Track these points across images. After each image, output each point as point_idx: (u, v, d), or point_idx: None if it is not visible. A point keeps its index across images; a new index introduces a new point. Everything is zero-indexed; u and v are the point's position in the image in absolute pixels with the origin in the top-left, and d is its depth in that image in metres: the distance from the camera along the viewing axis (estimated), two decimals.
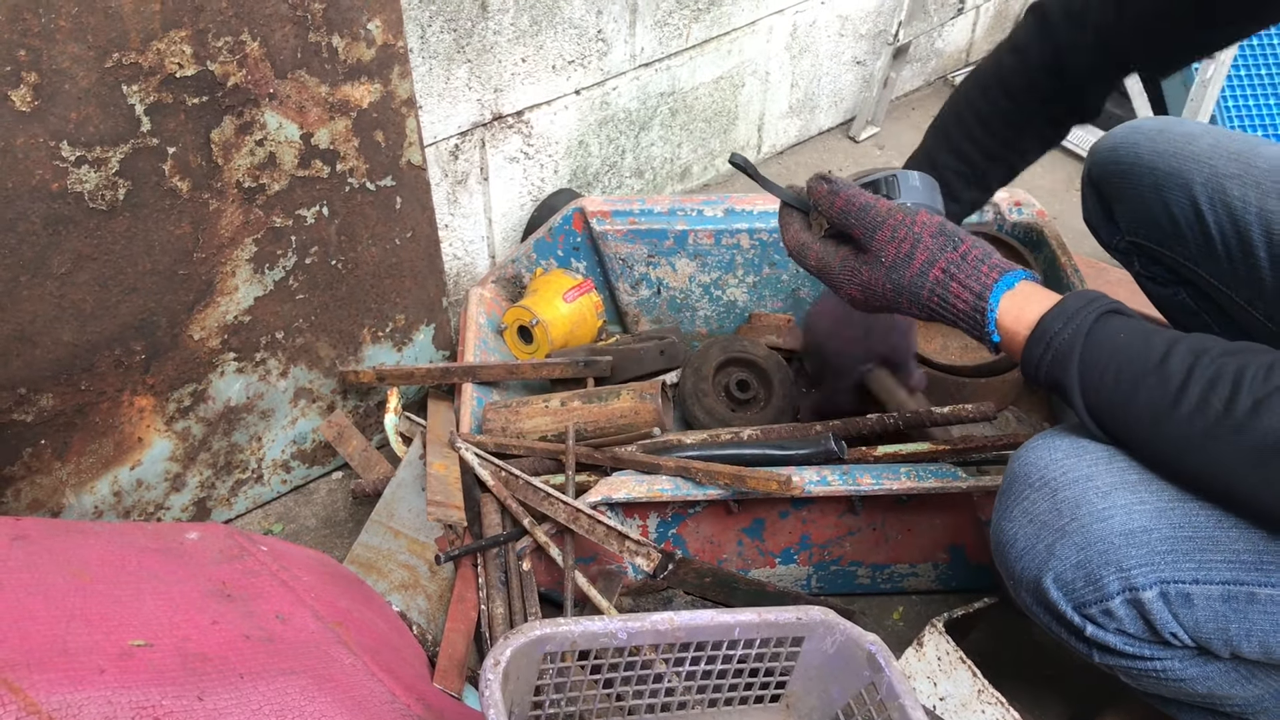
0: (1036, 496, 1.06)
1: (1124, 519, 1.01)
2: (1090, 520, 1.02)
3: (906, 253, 1.08)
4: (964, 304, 1.07)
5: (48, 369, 1.36)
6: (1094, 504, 1.02)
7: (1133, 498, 1.02)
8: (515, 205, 2.03)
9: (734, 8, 2.16)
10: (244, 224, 1.45)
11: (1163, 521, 1.01)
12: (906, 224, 1.09)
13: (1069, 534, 1.03)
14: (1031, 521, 1.06)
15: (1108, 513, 1.02)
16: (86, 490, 1.47)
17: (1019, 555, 1.07)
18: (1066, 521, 1.03)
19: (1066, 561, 1.03)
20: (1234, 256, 1.38)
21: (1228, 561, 1.00)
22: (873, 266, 1.10)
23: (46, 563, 0.99)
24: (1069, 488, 1.04)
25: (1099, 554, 1.02)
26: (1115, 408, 1.01)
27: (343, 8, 1.41)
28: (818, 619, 1.08)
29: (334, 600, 1.19)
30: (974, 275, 1.07)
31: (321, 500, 1.73)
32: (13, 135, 1.22)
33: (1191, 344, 0.99)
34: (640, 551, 1.33)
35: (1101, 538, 1.02)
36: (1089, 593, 1.03)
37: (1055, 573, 1.04)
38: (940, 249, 1.08)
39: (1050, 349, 1.03)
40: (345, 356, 1.67)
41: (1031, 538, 1.06)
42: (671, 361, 1.77)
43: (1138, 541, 1.01)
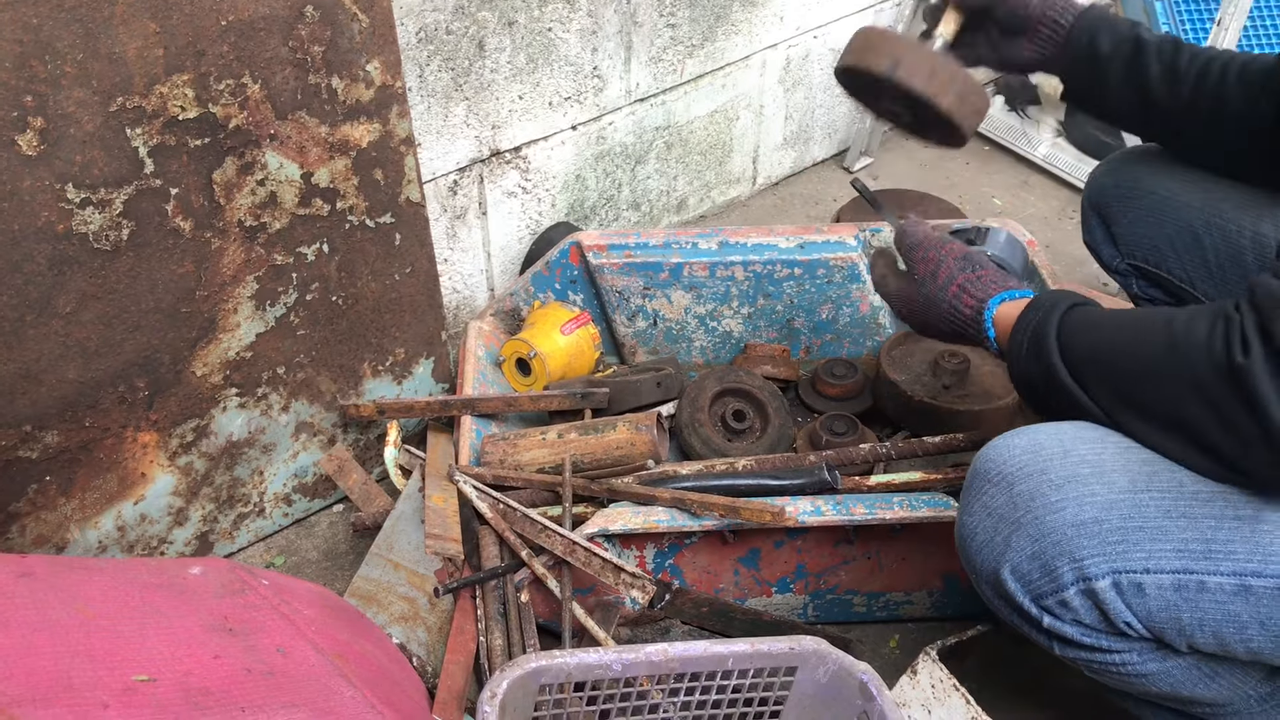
0: (994, 491, 1.11)
1: (1075, 510, 1.05)
2: (1044, 512, 1.06)
3: (932, 270, 1.28)
4: (969, 310, 1.23)
5: (53, 406, 1.39)
6: (1047, 496, 1.06)
7: (1084, 490, 1.06)
8: (513, 239, 2.06)
9: (727, 43, 2.19)
10: (246, 262, 1.48)
11: (1113, 513, 1.05)
12: (936, 246, 1.30)
13: (1024, 526, 1.07)
14: (990, 515, 1.11)
15: (1060, 505, 1.06)
16: (91, 525, 1.49)
17: (978, 549, 1.11)
18: (1021, 514, 1.08)
19: (1022, 553, 1.07)
20: (1229, 279, 1.41)
21: (1177, 550, 1.03)
22: (910, 283, 1.32)
23: (52, 599, 1.01)
24: (1024, 481, 1.08)
25: (1053, 545, 1.06)
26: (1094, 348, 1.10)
27: (342, 50, 1.44)
28: (810, 649, 1.10)
29: (334, 633, 1.21)
30: (981, 289, 1.24)
31: (322, 533, 1.74)
32: (19, 179, 1.25)
33: (1164, 309, 1.10)
34: (636, 584, 1.35)
35: (1055, 529, 1.06)
36: (1045, 584, 1.07)
37: (1012, 564, 1.08)
38: (960, 269, 1.26)
39: (1029, 327, 1.14)
40: (346, 390, 1.69)
41: (989, 531, 1.10)
42: (668, 393, 1.79)
43: (1089, 532, 1.05)
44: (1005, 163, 2.69)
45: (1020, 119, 2.79)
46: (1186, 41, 1.39)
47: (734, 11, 2.16)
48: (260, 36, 1.36)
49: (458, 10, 1.71)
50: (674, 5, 2.04)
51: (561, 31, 1.89)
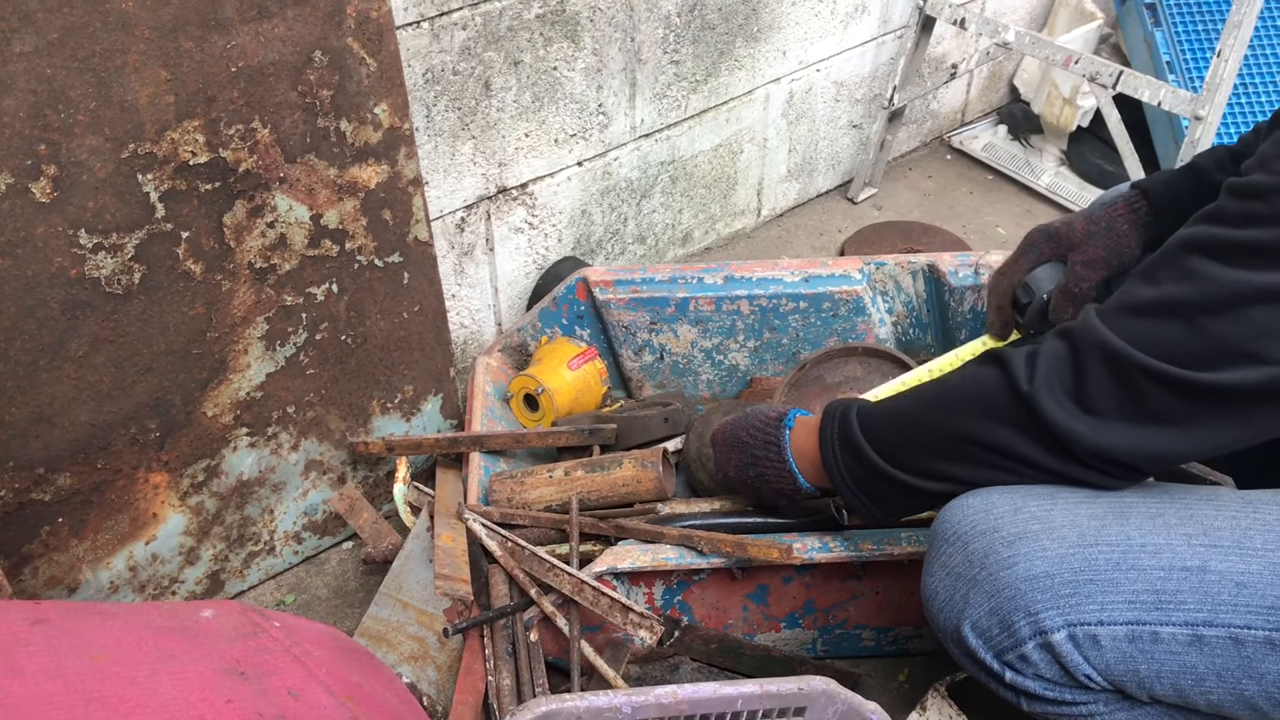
0: (951, 550, 1.14)
1: (1027, 565, 1.07)
2: (997, 568, 1.09)
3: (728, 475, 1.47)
4: (784, 495, 1.39)
5: (65, 449, 1.40)
6: (999, 553, 1.09)
7: (1035, 545, 1.08)
8: (520, 274, 2.07)
9: (730, 78, 2.21)
10: (256, 303, 1.50)
11: (1064, 566, 1.07)
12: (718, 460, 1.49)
13: (979, 583, 1.10)
14: (948, 574, 1.13)
15: (1012, 560, 1.08)
16: (103, 566, 1.50)
17: (940, 607, 1.14)
18: (977, 571, 1.10)
19: (980, 609, 1.10)
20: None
21: (1128, 602, 1.05)
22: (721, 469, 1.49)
23: (66, 646, 1.01)
24: (978, 540, 1.11)
25: (1008, 600, 1.08)
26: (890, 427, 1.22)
27: (350, 93, 1.46)
28: (819, 689, 1.10)
29: (345, 675, 1.21)
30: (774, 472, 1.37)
31: (332, 570, 1.75)
32: (33, 225, 1.26)
33: None
34: (644, 624, 1.35)
35: (1009, 584, 1.08)
36: (1004, 639, 1.09)
37: (972, 621, 1.10)
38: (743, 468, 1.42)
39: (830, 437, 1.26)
40: (355, 428, 1.70)
41: (949, 590, 1.13)
42: (675, 428, 1.80)
43: (1041, 586, 1.07)
44: (1009, 192, 2.71)
45: (1023, 148, 2.81)
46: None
47: (737, 47, 2.18)
48: (270, 82, 1.38)
49: (464, 51, 1.74)
50: (678, 42, 2.07)
51: (567, 70, 1.91)
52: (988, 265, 1.90)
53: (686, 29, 2.07)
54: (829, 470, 1.27)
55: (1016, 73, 2.93)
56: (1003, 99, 2.98)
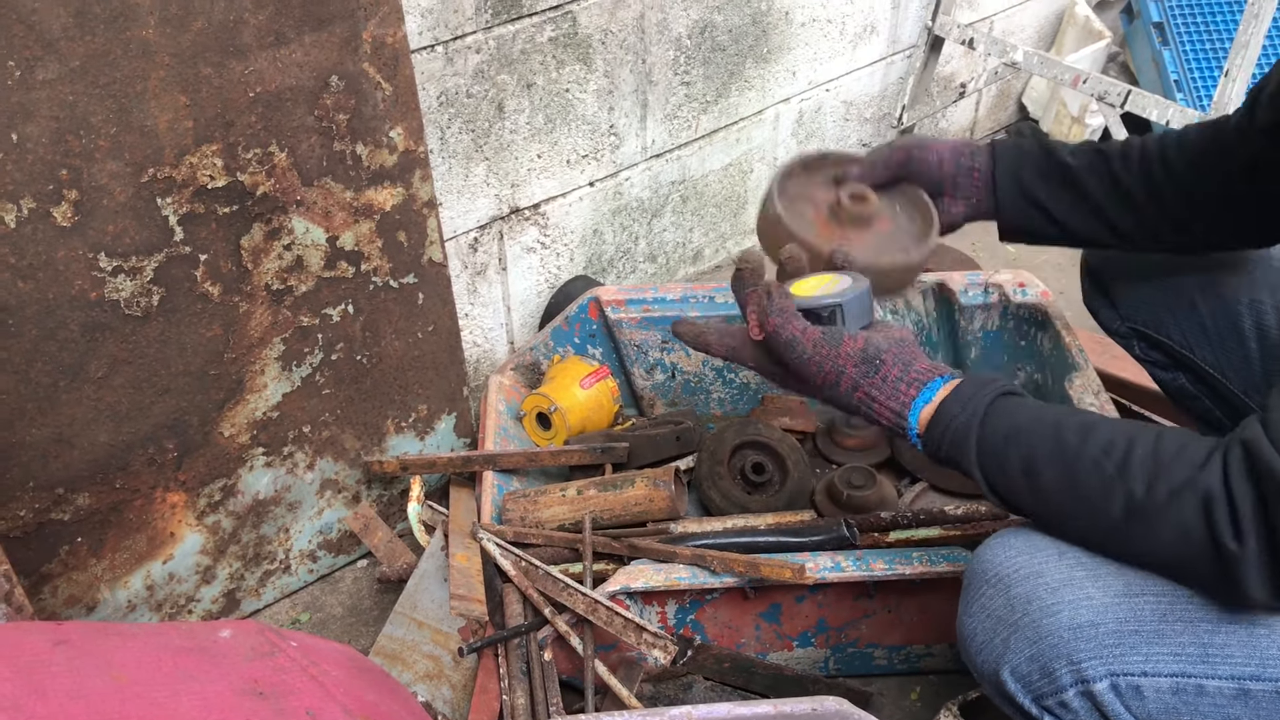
0: (992, 593, 1.11)
1: (1071, 613, 1.05)
2: (1040, 615, 1.07)
3: (833, 381, 1.18)
4: (888, 421, 1.17)
5: (84, 469, 1.41)
6: (1043, 599, 1.07)
7: (1080, 593, 1.06)
8: (533, 293, 2.09)
9: (740, 99, 2.23)
10: (272, 324, 1.51)
11: (1109, 616, 1.05)
12: (831, 358, 1.17)
13: (1021, 628, 1.08)
14: (988, 617, 1.11)
15: (1056, 608, 1.06)
16: (121, 585, 1.51)
17: (978, 649, 1.12)
18: (1019, 616, 1.08)
19: (1021, 655, 1.08)
20: (1227, 344, 1.42)
21: (1174, 654, 1.04)
22: (804, 385, 1.21)
23: (87, 667, 1.02)
24: (1021, 584, 1.09)
25: (1050, 647, 1.06)
26: (1011, 478, 1.09)
27: (366, 117, 1.48)
28: (832, 710, 1.11)
29: (362, 694, 1.22)
30: (893, 396, 1.16)
31: (347, 589, 1.76)
32: (54, 249, 1.28)
33: (1083, 418, 1.08)
34: (657, 644, 1.36)
35: (1052, 631, 1.06)
36: (1044, 685, 1.07)
37: (1011, 666, 1.08)
38: (863, 376, 1.17)
39: (948, 430, 1.11)
40: (370, 447, 1.71)
41: (989, 632, 1.11)
42: (687, 446, 1.81)
43: (1086, 635, 1.05)
44: None
45: None
46: (1103, 142, 1.41)
47: (747, 68, 2.20)
48: (287, 107, 1.40)
49: (478, 74, 1.75)
50: (688, 64, 2.08)
51: (579, 92, 1.93)
52: (997, 284, 1.91)
53: (697, 51, 2.08)
54: (927, 448, 1.16)
55: (1025, 91, 2.94)
56: (1011, 117, 2.99)
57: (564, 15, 1.83)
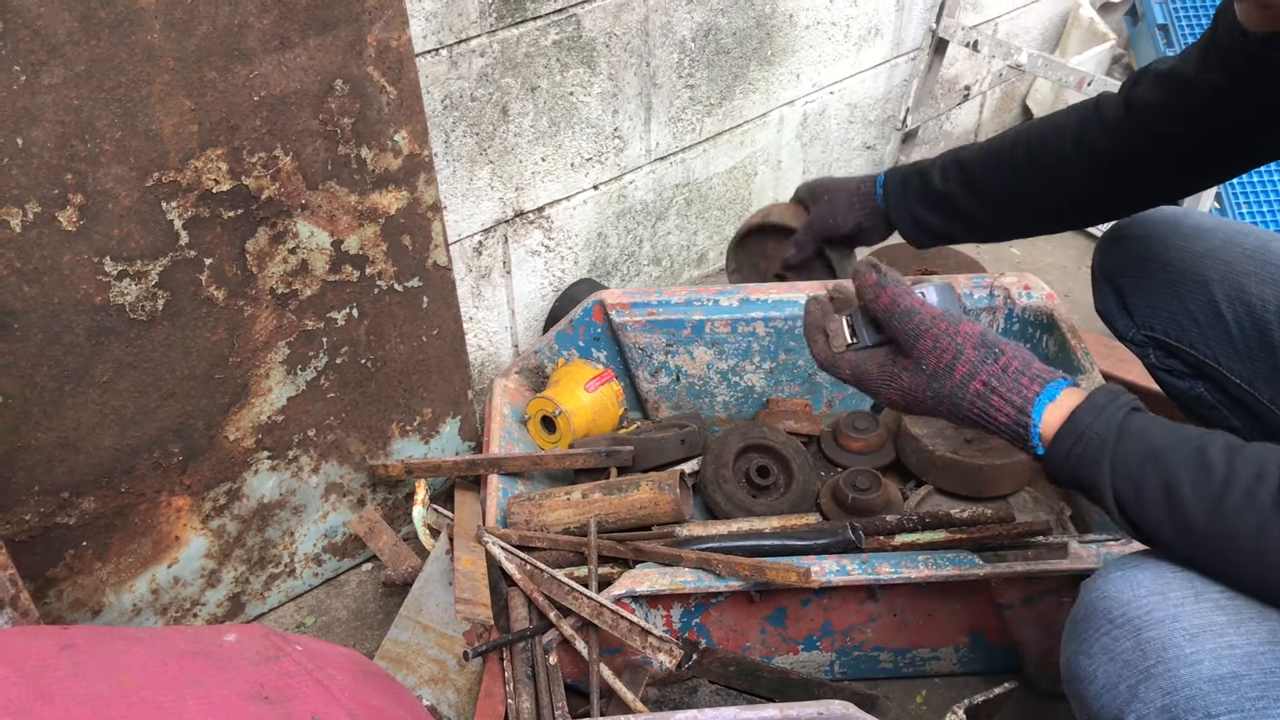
0: (1119, 634, 1.03)
1: (1213, 665, 0.98)
2: (1177, 664, 0.99)
3: (948, 363, 1.09)
4: (1006, 418, 1.08)
5: (90, 473, 1.41)
6: (1181, 647, 0.99)
7: (1222, 641, 0.99)
8: (537, 296, 2.09)
9: (745, 101, 2.23)
10: (277, 328, 1.51)
11: (1254, 667, 0.97)
12: (950, 334, 1.09)
13: (1154, 677, 0.99)
14: (1113, 660, 1.03)
15: (1196, 657, 0.98)
16: (126, 589, 1.51)
17: (1098, 693, 1.04)
18: (1152, 664, 1.00)
19: (1151, 705, 0.99)
20: (1255, 354, 1.39)
21: None
22: (913, 373, 1.11)
23: (94, 671, 1.02)
24: (1154, 628, 1.01)
25: (1186, 699, 0.98)
26: (1151, 505, 1.01)
27: (371, 121, 1.48)
28: (838, 714, 1.11)
29: (367, 698, 1.22)
30: (1015, 389, 1.07)
31: (352, 592, 1.76)
32: (59, 254, 1.28)
33: (1226, 439, 1.00)
34: (663, 648, 1.36)
35: (1189, 683, 0.98)
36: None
37: (1138, 714, 1.00)
38: (981, 361, 1.08)
39: (1081, 442, 1.03)
40: (375, 451, 1.71)
41: (1113, 677, 1.02)
42: (692, 450, 1.81)
43: (1227, 688, 0.97)
44: None
45: None
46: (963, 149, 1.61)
47: (751, 71, 2.20)
48: (292, 110, 1.40)
49: (482, 78, 1.76)
50: (692, 67, 2.08)
51: (583, 95, 1.93)
52: (1002, 287, 1.91)
53: (701, 53, 2.08)
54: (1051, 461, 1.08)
55: (1029, 93, 2.94)
56: (1016, 119, 2.99)
57: (568, 18, 1.83)
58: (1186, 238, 1.46)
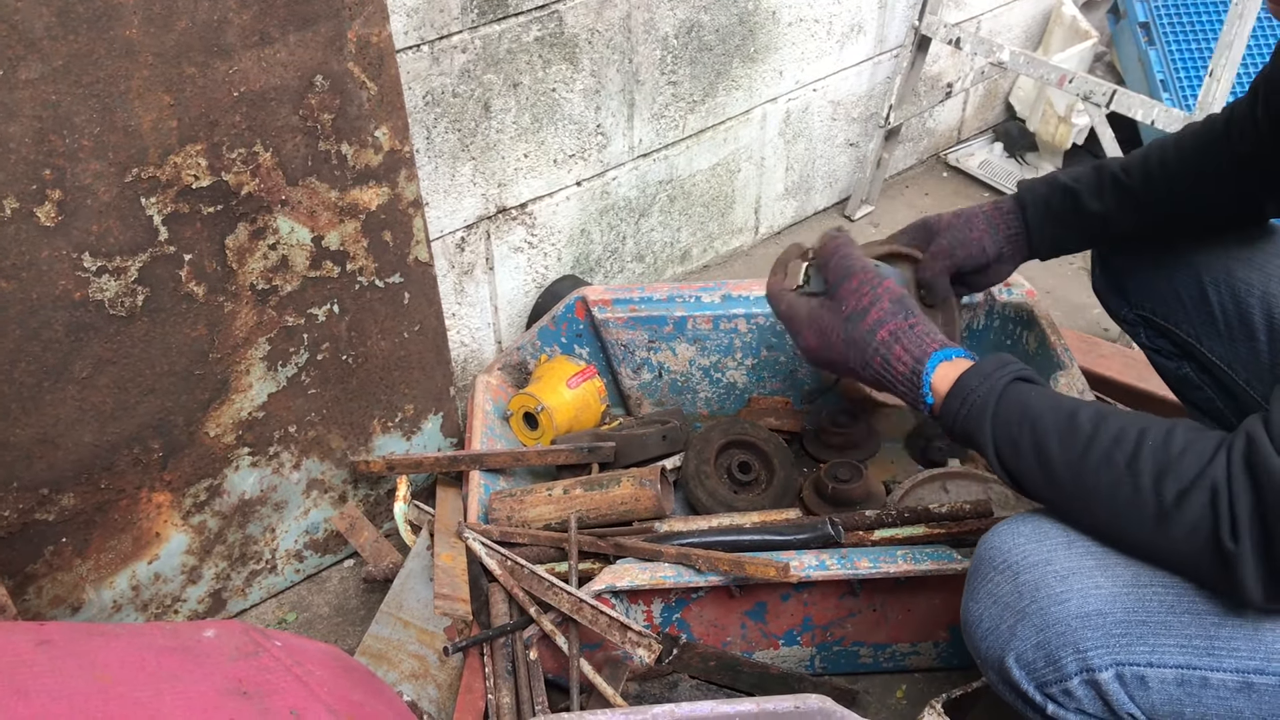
0: (1000, 579, 1.12)
1: (1080, 602, 1.06)
2: (1048, 603, 1.07)
3: (864, 307, 1.21)
4: (904, 366, 1.18)
5: (69, 469, 1.41)
6: (1052, 587, 1.07)
7: (1089, 582, 1.07)
8: (520, 292, 2.09)
9: (728, 98, 2.23)
10: (257, 324, 1.51)
11: (1117, 606, 1.06)
12: (872, 283, 1.22)
13: (1029, 615, 1.08)
14: (995, 603, 1.11)
15: (1064, 596, 1.07)
16: (106, 585, 1.51)
17: (984, 635, 1.12)
18: (1026, 603, 1.08)
19: (1027, 642, 1.08)
20: (1236, 336, 1.42)
21: (1180, 646, 1.04)
22: (833, 314, 1.23)
23: (70, 667, 1.02)
24: (1029, 571, 1.09)
25: (1057, 635, 1.06)
26: (1024, 459, 1.10)
27: (351, 117, 1.48)
28: (815, 708, 1.11)
29: (347, 694, 1.22)
30: (917, 343, 1.18)
31: (334, 588, 1.76)
32: (37, 249, 1.28)
33: (1098, 407, 1.08)
34: (642, 643, 1.36)
35: (1059, 619, 1.06)
36: (1049, 672, 1.08)
37: (1017, 652, 1.09)
38: (893, 314, 1.20)
39: (966, 404, 1.13)
40: (356, 447, 1.71)
41: (995, 619, 1.11)
42: (673, 446, 1.81)
43: (1093, 624, 1.05)
44: None
45: (1019, 165, 2.83)
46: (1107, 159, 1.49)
47: (734, 68, 2.20)
48: (271, 106, 1.40)
49: (464, 74, 1.75)
50: (675, 64, 2.09)
51: (565, 92, 1.93)
52: None
53: (684, 50, 2.09)
54: (943, 419, 1.17)
55: (1012, 91, 2.95)
56: (998, 117, 3.00)
57: (550, 15, 1.83)
58: None
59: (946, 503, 1.57)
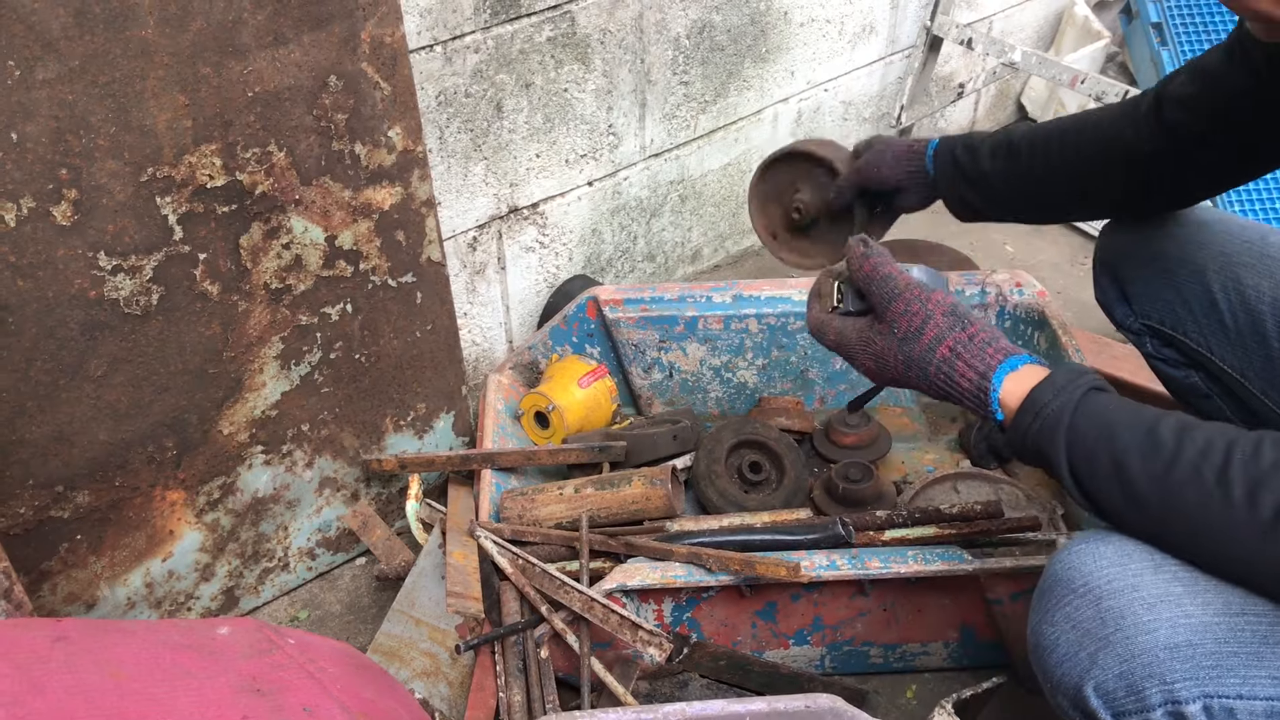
0: (1080, 603, 1.05)
1: (1169, 632, 1.00)
2: (1135, 632, 1.01)
3: (918, 327, 1.13)
4: (968, 383, 1.11)
5: (84, 467, 1.42)
6: (1139, 615, 1.01)
7: (1178, 611, 1.01)
8: (531, 292, 2.10)
9: (739, 99, 2.24)
10: (271, 323, 1.52)
11: (1208, 636, 1.00)
12: (921, 299, 1.14)
13: (1113, 644, 1.02)
14: (1074, 628, 1.05)
15: (1153, 625, 1.01)
16: (120, 583, 1.52)
17: (1059, 661, 1.06)
18: (1111, 631, 1.02)
19: (1109, 671, 1.02)
20: (1248, 344, 1.40)
21: (1272, 677, 0.99)
22: (886, 337, 1.16)
23: (86, 663, 1.03)
24: (1114, 597, 1.03)
25: (1142, 666, 1.00)
26: (1102, 478, 1.04)
27: (364, 117, 1.48)
28: (826, 707, 1.12)
29: (359, 691, 1.23)
30: (979, 356, 1.11)
31: (346, 586, 1.77)
32: (54, 248, 1.29)
33: (1179, 418, 1.03)
34: (653, 642, 1.37)
35: (1146, 650, 1.00)
36: (1130, 703, 1.02)
37: (1096, 681, 1.03)
38: (950, 328, 1.13)
39: (1039, 419, 1.06)
40: (368, 445, 1.72)
41: (1074, 645, 1.05)
42: (684, 445, 1.81)
43: (1182, 655, 1.00)
44: None
45: None
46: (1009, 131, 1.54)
47: (745, 68, 2.21)
48: (285, 106, 1.41)
49: (476, 74, 1.76)
50: (687, 64, 2.09)
51: (577, 92, 1.93)
52: (994, 284, 1.91)
53: (696, 50, 2.09)
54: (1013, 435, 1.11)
55: (1024, 91, 2.95)
56: (1010, 117, 3.00)
57: (562, 15, 1.83)
58: (1186, 228, 1.47)
59: (957, 503, 1.57)
